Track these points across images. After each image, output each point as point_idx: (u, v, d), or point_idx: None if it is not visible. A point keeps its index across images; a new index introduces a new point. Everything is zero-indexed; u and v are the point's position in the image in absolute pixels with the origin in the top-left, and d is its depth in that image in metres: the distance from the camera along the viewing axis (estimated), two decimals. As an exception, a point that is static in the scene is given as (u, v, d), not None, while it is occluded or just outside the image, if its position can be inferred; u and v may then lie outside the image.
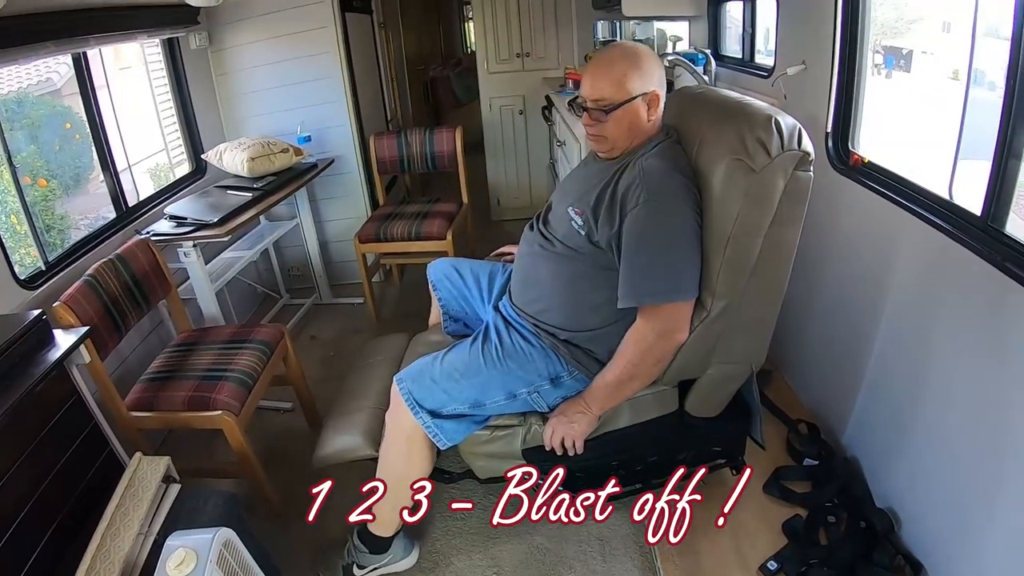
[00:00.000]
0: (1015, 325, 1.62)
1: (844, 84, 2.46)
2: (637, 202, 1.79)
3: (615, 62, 1.93)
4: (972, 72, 1.96)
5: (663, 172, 1.82)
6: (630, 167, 1.88)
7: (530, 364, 2.02)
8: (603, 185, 1.92)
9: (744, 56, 3.58)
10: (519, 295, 2.15)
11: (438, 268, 2.56)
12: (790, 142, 1.73)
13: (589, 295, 1.97)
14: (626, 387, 1.95)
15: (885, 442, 2.26)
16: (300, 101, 4.18)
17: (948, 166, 2.06)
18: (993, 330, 1.71)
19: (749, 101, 1.92)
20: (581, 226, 1.94)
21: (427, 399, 2.01)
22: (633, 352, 1.89)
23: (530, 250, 2.14)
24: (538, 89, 5.17)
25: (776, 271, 1.92)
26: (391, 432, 2.12)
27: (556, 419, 2.03)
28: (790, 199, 1.78)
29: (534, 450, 2.12)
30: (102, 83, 3.21)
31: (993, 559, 1.70)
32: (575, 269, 1.98)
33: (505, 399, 2.04)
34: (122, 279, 2.54)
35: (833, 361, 2.60)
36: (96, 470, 1.99)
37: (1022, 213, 1.75)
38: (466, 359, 2.07)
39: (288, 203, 3.96)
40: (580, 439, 2.02)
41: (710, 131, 1.89)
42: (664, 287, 1.80)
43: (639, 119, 1.93)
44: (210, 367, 2.52)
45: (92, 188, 3.30)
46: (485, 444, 2.13)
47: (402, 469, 2.11)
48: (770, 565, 2.12)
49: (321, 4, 3.99)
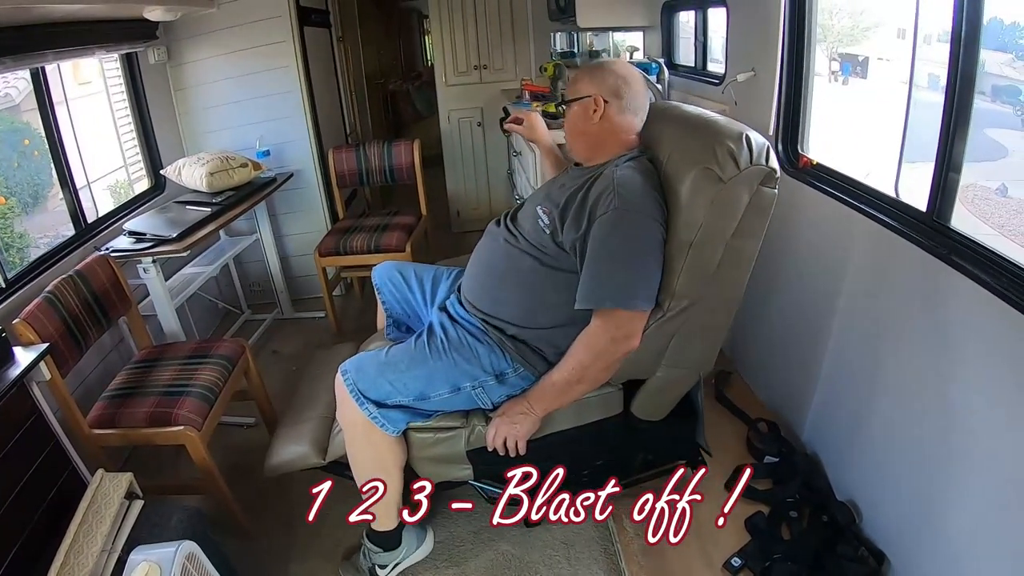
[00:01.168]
0: (959, 316, 1.72)
1: (792, 89, 2.55)
2: (607, 209, 1.84)
3: (581, 68, 2.14)
4: (927, 77, 2.06)
5: (635, 184, 1.88)
6: (603, 175, 1.94)
7: (475, 358, 2.04)
8: (575, 188, 1.98)
9: (697, 64, 3.67)
10: (472, 287, 2.17)
11: (382, 271, 2.56)
12: (759, 157, 1.80)
13: (545, 293, 2.00)
14: (573, 389, 1.98)
15: (844, 437, 2.34)
16: (259, 116, 4.17)
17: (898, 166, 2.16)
18: (939, 322, 1.81)
19: (721, 117, 1.99)
20: (547, 225, 1.98)
21: (371, 390, 2.02)
22: (584, 354, 1.92)
23: (493, 243, 2.18)
24: (496, 101, 5.21)
25: (734, 280, 1.98)
26: (347, 431, 2.13)
27: (499, 419, 2.04)
28: (753, 212, 1.85)
29: (478, 451, 2.13)
30: (61, 99, 3.18)
31: (954, 544, 1.77)
32: (535, 266, 2.01)
33: (449, 392, 2.05)
34: (82, 296, 2.53)
35: (791, 360, 2.67)
36: (59, 488, 1.98)
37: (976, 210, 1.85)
38: (411, 352, 2.08)
39: (248, 218, 3.96)
40: (523, 440, 2.04)
41: (681, 141, 1.96)
42: (623, 293, 1.84)
43: (584, 120, 2.06)
44: (171, 383, 2.51)
45: (51, 205, 3.27)
46: (430, 447, 2.14)
47: (374, 463, 2.12)
48: (734, 561, 2.17)
49: (279, 19, 3.99)
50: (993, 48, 1.78)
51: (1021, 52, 1.81)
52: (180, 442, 2.34)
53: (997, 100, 1.91)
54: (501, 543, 2.42)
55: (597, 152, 2.08)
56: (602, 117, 2.03)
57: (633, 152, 2.04)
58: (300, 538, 2.48)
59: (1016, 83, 1.85)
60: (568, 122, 2.12)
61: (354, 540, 2.41)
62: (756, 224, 1.89)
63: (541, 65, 4.42)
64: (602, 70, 2.07)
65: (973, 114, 1.74)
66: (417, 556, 2.34)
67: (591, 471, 2.34)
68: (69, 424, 2.27)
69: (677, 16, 3.91)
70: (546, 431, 2.12)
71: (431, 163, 4.50)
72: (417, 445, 2.14)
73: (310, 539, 2.48)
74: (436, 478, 2.24)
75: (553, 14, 4.76)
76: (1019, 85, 1.85)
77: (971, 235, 1.73)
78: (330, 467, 2.32)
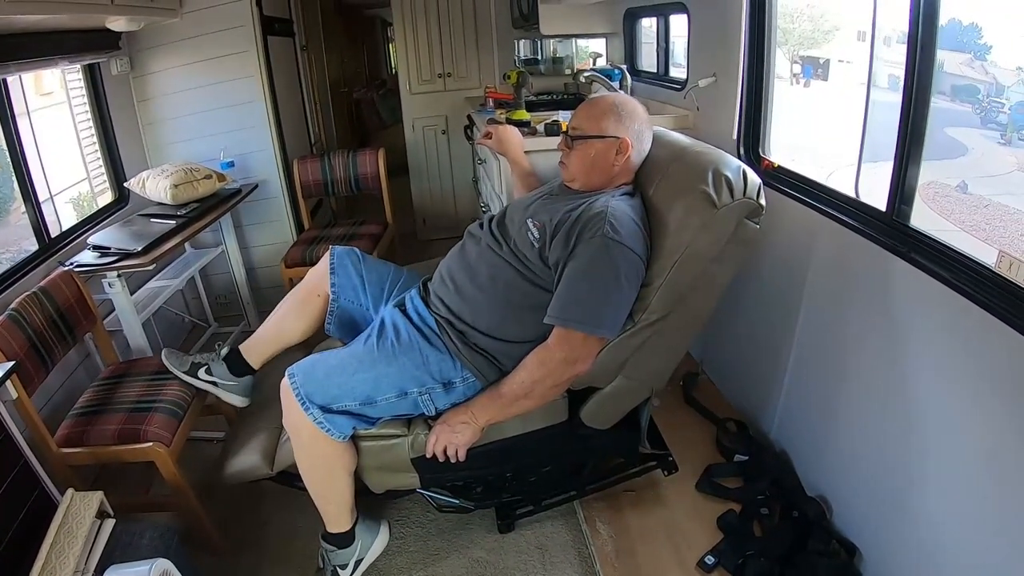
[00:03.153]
0: (919, 311, 1.80)
1: (753, 93, 2.61)
2: (595, 235, 1.89)
3: (600, 104, 2.16)
4: (887, 78, 2.14)
5: (627, 217, 1.95)
6: (599, 202, 1.99)
7: (424, 364, 2.04)
8: (568, 209, 2.01)
9: (659, 70, 3.73)
10: (446, 286, 2.17)
11: (344, 252, 2.44)
12: (751, 191, 1.90)
13: (520, 307, 2.03)
14: (519, 403, 2.02)
15: (811, 433, 2.40)
16: (223, 126, 4.14)
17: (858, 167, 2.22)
18: (900, 318, 1.88)
19: (718, 150, 2.07)
20: (537, 239, 2.01)
21: (317, 393, 2.01)
22: (535, 369, 1.96)
23: (476, 245, 2.19)
24: (460, 108, 5.22)
25: (703, 303, 2.06)
26: (295, 439, 2.12)
27: (440, 427, 2.06)
28: (735, 243, 1.94)
29: (423, 459, 2.14)
30: (22, 110, 3.13)
31: (924, 531, 1.82)
32: (516, 278, 2.04)
33: (396, 396, 2.04)
34: (47, 312, 2.50)
35: (757, 359, 2.73)
36: (28, 509, 1.95)
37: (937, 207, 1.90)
38: (360, 354, 2.09)
39: (213, 230, 3.93)
40: (463, 449, 2.05)
41: (677, 164, 2.06)
42: (590, 318, 1.89)
43: (604, 159, 2.10)
44: (139, 399, 2.48)
45: (13, 219, 3.22)
46: (375, 455, 2.16)
47: (323, 469, 2.13)
48: (708, 560, 2.21)
49: (242, 28, 3.98)
50: (952, 48, 1.84)
51: (979, 52, 1.87)
52: (150, 458, 2.32)
53: (956, 99, 1.98)
54: (475, 550, 2.44)
55: (602, 184, 2.14)
56: (624, 159, 2.10)
57: (629, 187, 2.13)
58: (272, 552, 2.47)
59: (975, 82, 1.91)
60: (583, 153, 2.13)
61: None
62: (736, 254, 1.99)
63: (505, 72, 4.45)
64: (629, 115, 2.13)
65: (933, 113, 1.81)
66: (375, 550, 2.33)
67: (539, 478, 2.41)
68: (37, 443, 2.23)
69: (639, 23, 3.98)
70: (491, 438, 2.14)
71: (397, 172, 4.50)
72: (363, 454, 2.15)
73: (282, 553, 2.47)
74: (383, 487, 2.27)
75: (517, 22, 4.80)
76: (978, 84, 1.91)
77: (930, 233, 1.80)
78: (280, 477, 2.32)
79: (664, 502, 2.49)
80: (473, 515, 2.51)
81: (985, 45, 1.86)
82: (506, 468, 2.31)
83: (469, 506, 2.39)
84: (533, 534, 2.46)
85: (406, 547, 2.47)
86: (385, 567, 2.39)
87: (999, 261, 1.52)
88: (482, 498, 2.41)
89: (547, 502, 2.50)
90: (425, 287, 2.27)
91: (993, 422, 1.57)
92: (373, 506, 2.39)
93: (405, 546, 2.48)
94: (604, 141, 2.09)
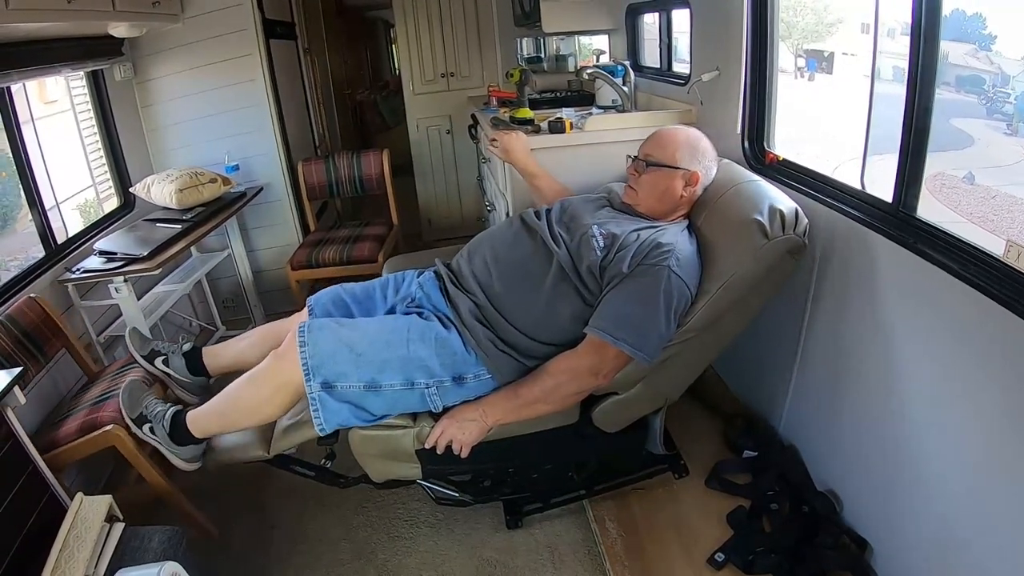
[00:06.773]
0: (926, 303, 1.78)
1: (757, 87, 2.59)
2: (659, 263, 1.94)
3: (677, 135, 2.24)
4: (892, 70, 2.13)
5: (691, 253, 2.03)
6: (668, 232, 2.07)
7: (436, 351, 1.99)
8: (635, 228, 2.08)
9: (662, 66, 3.71)
10: (485, 269, 2.16)
11: (323, 297, 2.40)
12: (799, 229, 1.98)
13: (561, 311, 2.04)
14: (534, 407, 2.02)
15: (819, 427, 2.38)
16: (227, 130, 4.15)
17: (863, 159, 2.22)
18: (906, 310, 1.87)
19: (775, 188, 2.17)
20: (602, 248, 2.02)
21: (325, 366, 1.94)
22: (560, 374, 1.98)
23: (531, 240, 2.18)
24: (463, 108, 5.21)
25: (734, 326, 2.13)
26: (264, 372, 2.05)
27: (448, 420, 2.04)
28: (773, 274, 2.02)
29: (426, 450, 2.12)
30: (27, 119, 3.14)
31: (934, 524, 1.81)
32: (564, 280, 2.05)
33: (402, 385, 1.98)
34: (13, 336, 2.50)
35: (765, 353, 2.71)
36: (38, 514, 1.96)
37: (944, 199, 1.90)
38: (377, 326, 2.06)
39: (219, 233, 3.94)
40: (467, 447, 2.04)
41: (733, 195, 2.15)
42: (637, 339, 1.91)
43: (671, 189, 2.17)
44: (102, 393, 2.51)
45: (20, 227, 3.23)
46: (379, 444, 2.13)
47: (249, 408, 2.08)
48: (717, 557, 2.20)
49: (244, 32, 3.99)
50: (956, 39, 1.83)
51: (983, 42, 1.85)
52: (110, 443, 2.29)
53: (961, 90, 1.97)
54: (485, 550, 2.42)
55: (665, 212, 2.20)
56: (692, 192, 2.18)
57: (687, 221, 2.23)
58: (279, 556, 2.47)
59: (979, 73, 1.90)
60: (653, 181, 2.19)
61: (334, 553, 2.44)
62: (771, 285, 2.09)
63: (508, 71, 4.44)
64: (703, 151, 2.22)
65: (938, 105, 1.79)
66: (176, 461, 2.18)
67: (540, 475, 2.42)
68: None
69: (641, 18, 3.95)
70: (497, 434, 2.11)
71: (401, 172, 4.50)
72: (363, 441, 2.12)
73: (289, 556, 2.46)
74: (384, 476, 2.25)
75: (518, 19, 4.78)
76: (982, 75, 1.90)
77: (936, 223, 1.78)
78: (276, 461, 2.24)
79: (673, 499, 2.48)
80: (482, 515, 2.51)
81: (989, 35, 1.84)
82: (508, 464, 2.31)
83: (468, 499, 2.39)
84: (543, 533, 2.45)
85: (416, 547, 2.46)
86: (395, 567, 2.39)
87: (1007, 251, 1.51)
88: (482, 492, 2.41)
89: (555, 500, 2.50)
90: (445, 271, 2.25)
91: (1003, 412, 1.56)
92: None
93: (415, 546, 2.47)
94: (676, 172, 2.15)
